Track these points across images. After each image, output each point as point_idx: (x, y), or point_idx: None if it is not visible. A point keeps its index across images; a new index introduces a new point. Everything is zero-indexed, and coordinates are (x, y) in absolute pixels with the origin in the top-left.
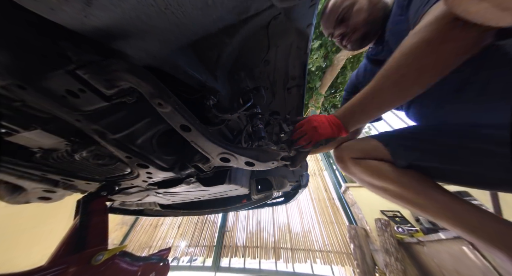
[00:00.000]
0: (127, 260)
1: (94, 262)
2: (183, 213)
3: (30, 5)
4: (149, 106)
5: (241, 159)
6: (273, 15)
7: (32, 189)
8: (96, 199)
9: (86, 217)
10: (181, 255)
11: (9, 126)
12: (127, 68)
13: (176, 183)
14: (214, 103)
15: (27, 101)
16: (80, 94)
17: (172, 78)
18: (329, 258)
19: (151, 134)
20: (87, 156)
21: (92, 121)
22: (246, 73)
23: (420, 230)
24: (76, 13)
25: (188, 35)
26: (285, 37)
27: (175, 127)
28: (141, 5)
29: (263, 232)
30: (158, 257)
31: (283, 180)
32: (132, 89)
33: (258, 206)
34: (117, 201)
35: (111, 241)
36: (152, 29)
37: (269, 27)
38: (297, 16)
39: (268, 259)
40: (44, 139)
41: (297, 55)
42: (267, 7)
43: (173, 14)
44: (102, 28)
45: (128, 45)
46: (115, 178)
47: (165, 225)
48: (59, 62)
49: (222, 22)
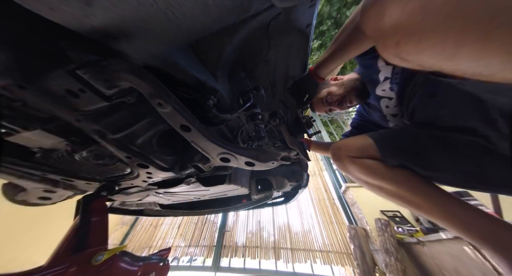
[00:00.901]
0: (127, 260)
1: (94, 262)
2: (183, 213)
3: (30, 5)
4: (149, 106)
5: (241, 159)
6: (273, 15)
7: (32, 189)
8: (96, 199)
9: (86, 217)
10: (181, 255)
11: (9, 126)
12: (127, 68)
13: (176, 183)
14: (214, 103)
15: (27, 101)
16: (80, 94)
17: (172, 78)
18: (329, 258)
19: (151, 134)
20: (87, 156)
21: (92, 121)
22: (246, 73)
23: (420, 230)
24: (76, 13)
25: (188, 35)
26: (285, 37)
27: (175, 127)
28: (141, 5)
29: (263, 232)
30: (158, 257)
31: (283, 180)
32: (132, 89)
33: (258, 206)
34: (117, 201)
35: (111, 241)
36: (152, 29)
37: (269, 27)
38: (297, 16)
39: (268, 259)
40: (44, 139)
41: (297, 55)
42: (267, 7)
43: (173, 14)
44: (102, 28)
45: (128, 45)
46: (115, 178)
47: (165, 225)
48: (59, 62)
49: (222, 22)
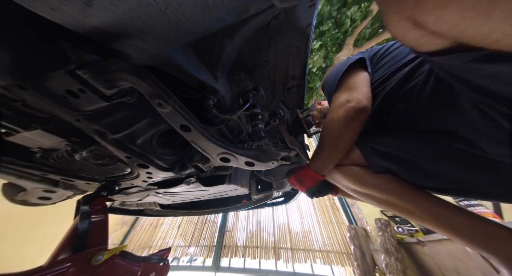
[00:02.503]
0: (127, 260)
1: (94, 262)
2: (183, 213)
3: (30, 5)
4: (149, 106)
5: (241, 159)
6: (273, 15)
7: (32, 189)
8: (96, 199)
9: (86, 217)
10: (181, 255)
11: (9, 126)
12: (127, 68)
13: (176, 183)
14: (214, 103)
15: (27, 101)
16: (80, 94)
17: (172, 78)
18: (329, 258)
19: (151, 134)
20: (87, 156)
21: (92, 121)
22: (246, 73)
23: (420, 230)
24: (76, 13)
25: (188, 35)
26: (285, 37)
27: (175, 127)
28: (141, 5)
29: (263, 232)
30: (158, 257)
31: (283, 180)
32: (132, 89)
33: (258, 206)
34: (117, 201)
35: (111, 241)
36: (152, 29)
37: (269, 27)
38: (297, 16)
39: (268, 259)
40: (44, 139)
41: (297, 55)
42: (267, 7)
43: (173, 14)
44: (102, 28)
45: (128, 45)
46: (115, 178)
47: (165, 225)
48: (59, 62)
49: (222, 22)
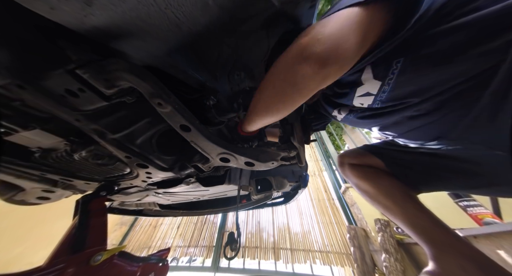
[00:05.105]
0: (126, 261)
1: (92, 263)
2: (182, 213)
3: (30, 5)
4: (149, 106)
5: (241, 159)
6: (273, 16)
7: (31, 189)
8: (95, 199)
9: (85, 217)
10: (181, 256)
11: (8, 125)
12: (127, 68)
13: (176, 183)
14: (214, 103)
15: (26, 101)
16: (79, 93)
17: (172, 78)
18: (329, 259)
19: (150, 134)
20: (86, 156)
21: (91, 120)
22: (246, 73)
23: None
24: (76, 12)
25: (188, 35)
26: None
27: (175, 127)
28: (141, 5)
29: (263, 232)
30: (157, 257)
31: (283, 180)
32: (132, 88)
33: (258, 206)
34: (117, 201)
35: (110, 241)
36: (152, 29)
37: (269, 27)
38: (297, 17)
39: (267, 259)
40: (43, 138)
41: None
42: (267, 7)
43: (173, 14)
44: (102, 28)
45: (128, 44)
46: (114, 178)
47: (164, 225)
48: (58, 61)
49: (222, 22)
